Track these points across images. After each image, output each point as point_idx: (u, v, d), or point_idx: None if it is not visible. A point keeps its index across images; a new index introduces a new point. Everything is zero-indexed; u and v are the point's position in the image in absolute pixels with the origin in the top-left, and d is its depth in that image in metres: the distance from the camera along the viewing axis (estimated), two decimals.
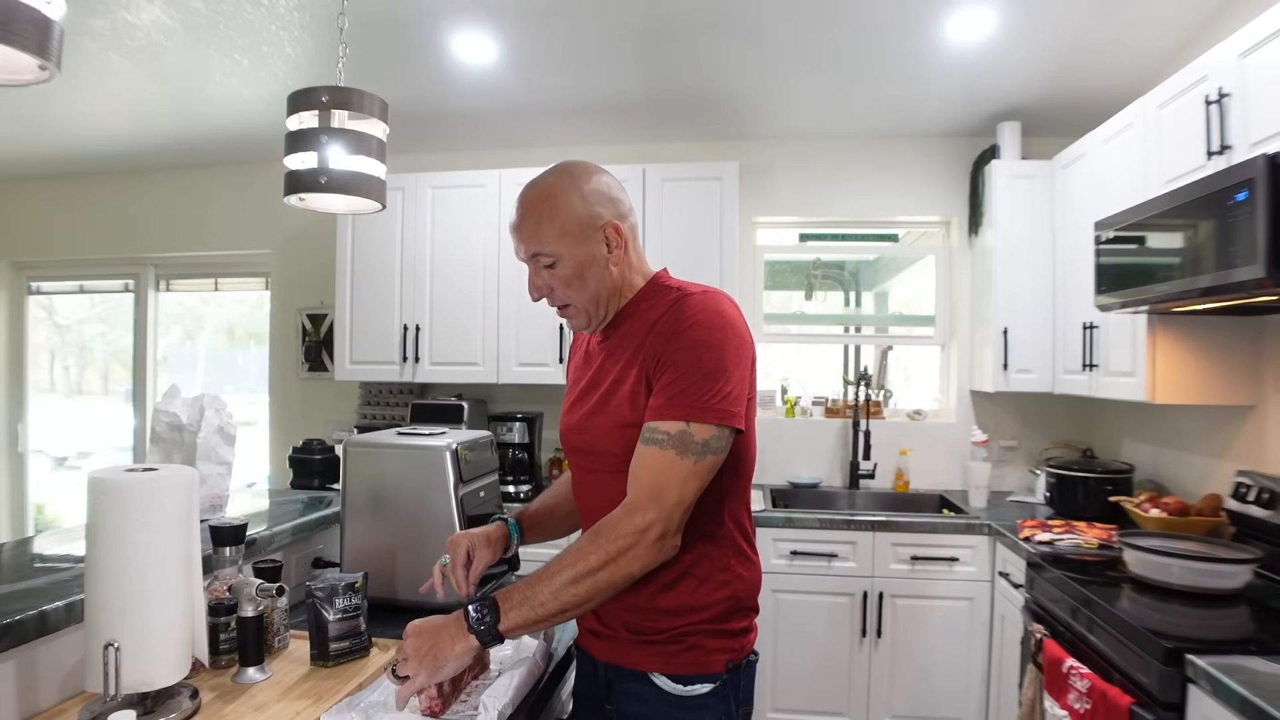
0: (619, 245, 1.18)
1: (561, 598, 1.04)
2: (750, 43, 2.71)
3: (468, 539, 1.29)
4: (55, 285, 4.26)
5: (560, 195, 1.16)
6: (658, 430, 1.08)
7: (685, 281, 1.23)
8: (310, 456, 2.76)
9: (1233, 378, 2.17)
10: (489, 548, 1.30)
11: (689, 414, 1.07)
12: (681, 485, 1.06)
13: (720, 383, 1.09)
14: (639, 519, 1.05)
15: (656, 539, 1.05)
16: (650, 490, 1.06)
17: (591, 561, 1.04)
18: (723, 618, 1.17)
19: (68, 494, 4.30)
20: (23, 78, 0.91)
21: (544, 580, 1.05)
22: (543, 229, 1.15)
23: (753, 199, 3.36)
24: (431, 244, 3.21)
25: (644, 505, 1.06)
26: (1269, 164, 1.53)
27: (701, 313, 1.12)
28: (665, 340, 1.12)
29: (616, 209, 1.19)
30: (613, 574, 1.05)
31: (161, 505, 1.04)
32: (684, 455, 1.07)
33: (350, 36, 1.99)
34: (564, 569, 1.05)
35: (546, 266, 1.17)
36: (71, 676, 1.14)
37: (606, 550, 1.04)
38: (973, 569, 2.61)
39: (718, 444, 1.09)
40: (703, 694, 1.14)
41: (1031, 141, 3.10)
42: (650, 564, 1.07)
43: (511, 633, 1.05)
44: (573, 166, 1.20)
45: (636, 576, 1.07)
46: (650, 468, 1.08)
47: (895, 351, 3.53)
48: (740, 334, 1.14)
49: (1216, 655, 1.39)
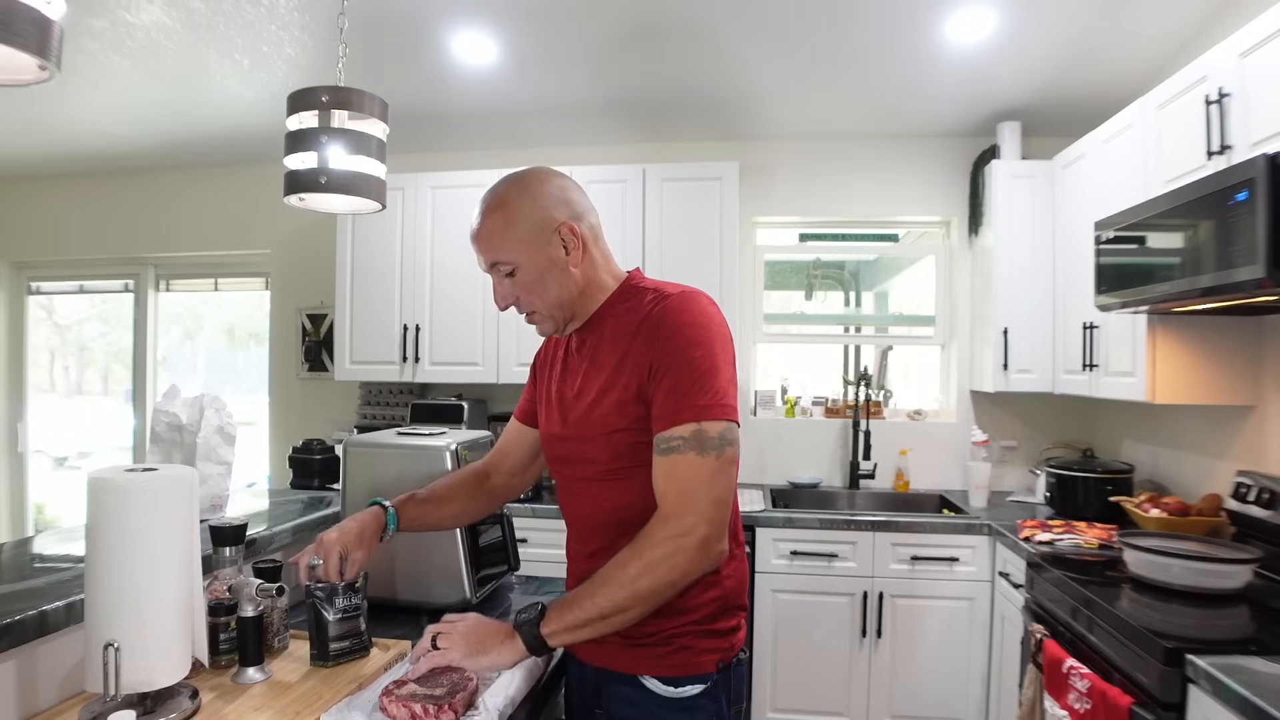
0: (576, 246, 1.17)
1: (601, 604, 1.05)
2: (751, 43, 2.71)
3: (340, 542, 1.23)
4: (55, 285, 4.26)
5: (512, 201, 1.16)
6: (672, 438, 1.07)
7: (660, 282, 1.23)
8: (310, 456, 2.76)
9: (1233, 378, 2.17)
10: (363, 547, 1.25)
11: (698, 414, 1.07)
12: (710, 484, 1.06)
13: (716, 380, 1.09)
14: (675, 524, 1.05)
15: (699, 543, 1.05)
16: (679, 495, 1.06)
17: (631, 570, 1.04)
18: (711, 618, 1.16)
19: (68, 494, 4.30)
20: (23, 78, 0.91)
21: (588, 587, 1.07)
22: (497, 237, 1.16)
23: (753, 199, 3.36)
24: (431, 244, 3.21)
25: (678, 511, 1.05)
26: (1269, 164, 1.53)
27: (686, 314, 1.13)
28: (652, 346, 1.12)
29: (571, 210, 1.18)
30: (653, 581, 1.04)
31: (161, 505, 1.03)
32: (704, 454, 1.06)
33: (350, 36, 1.99)
34: (606, 576, 1.06)
35: (507, 275, 1.18)
36: (71, 676, 1.14)
37: (646, 557, 1.04)
38: (973, 569, 2.61)
39: (731, 435, 1.09)
40: (693, 695, 1.14)
41: (1031, 141, 3.10)
42: (693, 571, 1.06)
43: (554, 637, 1.07)
44: (526, 173, 1.20)
45: (679, 585, 1.06)
46: (674, 475, 1.07)
47: (895, 351, 3.53)
48: (724, 331, 1.15)
49: (1216, 655, 1.39)
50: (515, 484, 1.47)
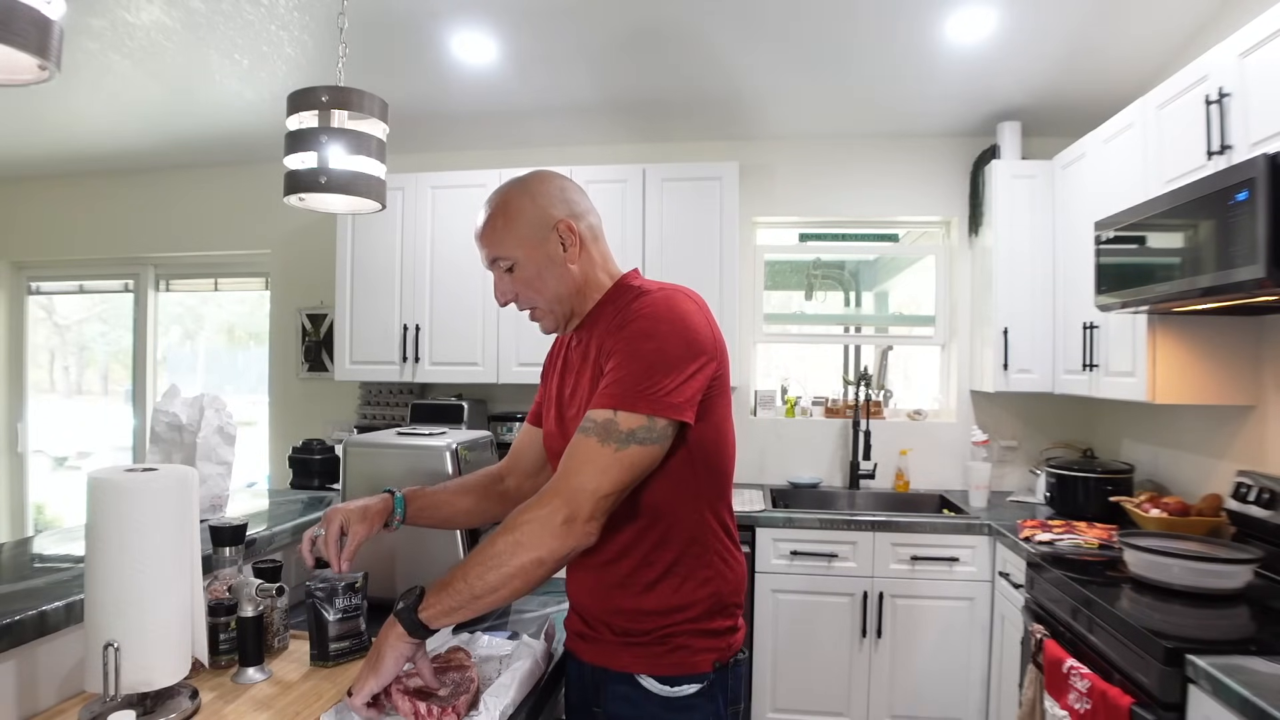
0: (574, 244, 1.20)
1: (474, 584, 1.03)
2: (750, 43, 2.71)
3: (343, 513, 1.26)
4: (55, 285, 4.26)
5: (513, 200, 1.20)
6: (588, 418, 1.08)
7: (655, 282, 1.23)
8: (310, 456, 2.75)
9: (1233, 378, 2.17)
10: (364, 522, 1.26)
11: (618, 402, 1.06)
12: (598, 473, 1.04)
13: (659, 374, 1.07)
14: (545, 505, 1.04)
15: (562, 523, 1.03)
16: (562, 473, 1.06)
17: (498, 545, 1.03)
18: (707, 616, 1.16)
19: (68, 494, 4.30)
20: (23, 78, 0.91)
21: (461, 567, 1.05)
22: (498, 234, 1.19)
23: (753, 199, 3.36)
24: (431, 244, 3.21)
25: (553, 488, 1.06)
26: (1269, 164, 1.53)
27: (649, 306, 1.13)
28: (610, 335, 1.14)
29: (570, 209, 1.21)
30: (520, 559, 1.02)
31: (161, 505, 1.04)
32: (605, 443, 1.05)
33: (350, 36, 1.99)
34: (477, 555, 1.05)
35: (507, 270, 1.21)
36: (71, 676, 1.14)
37: (511, 536, 1.03)
38: (973, 569, 2.61)
39: (646, 435, 1.06)
40: (690, 695, 1.14)
41: (1031, 141, 3.10)
42: (558, 550, 1.03)
43: (432, 620, 1.04)
44: (528, 175, 1.24)
45: (547, 562, 1.04)
46: (571, 453, 1.07)
47: (895, 351, 3.53)
48: (690, 329, 1.12)
49: (1217, 655, 1.39)
50: (529, 486, 1.44)
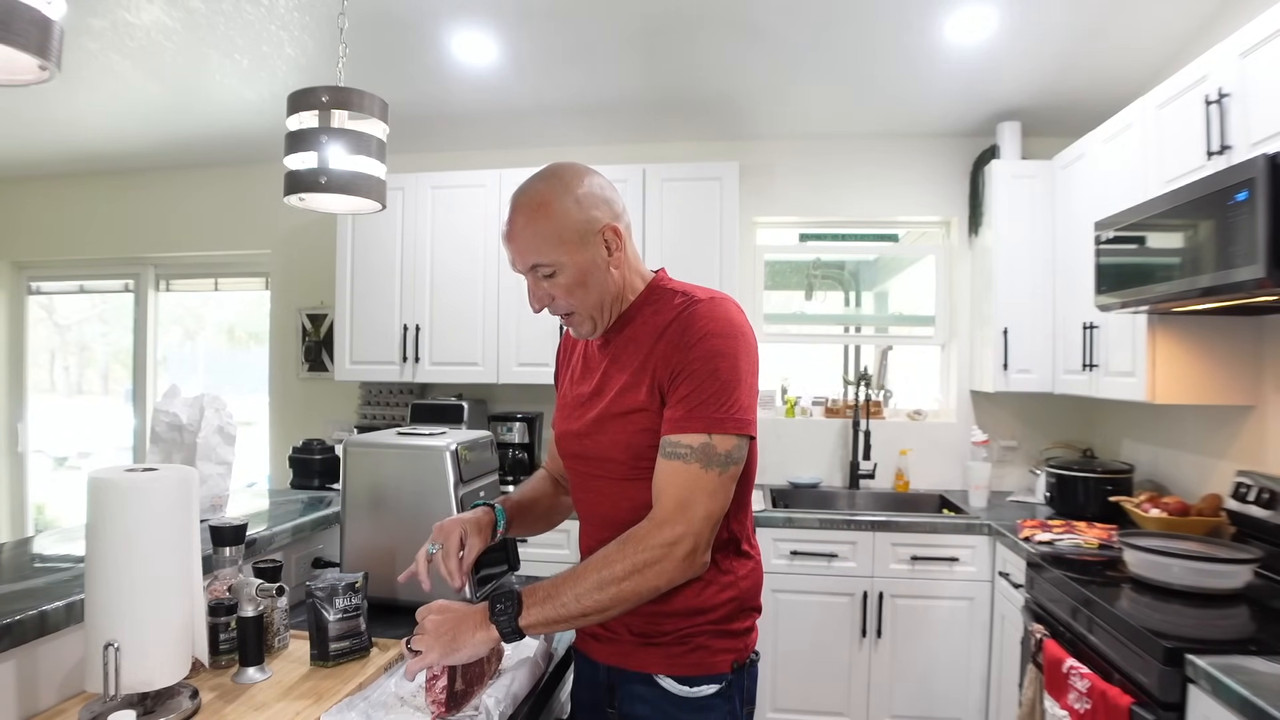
0: (619, 248, 1.16)
1: (584, 601, 1.03)
2: (751, 43, 2.71)
3: (460, 525, 1.23)
4: (55, 285, 4.26)
5: (554, 202, 1.12)
6: (680, 444, 1.07)
7: (688, 284, 1.21)
8: (310, 456, 2.76)
9: (1233, 378, 2.17)
10: (479, 535, 1.25)
11: (710, 426, 1.06)
12: (709, 499, 1.06)
13: (737, 392, 1.08)
14: (668, 532, 1.04)
15: (686, 554, 1.05)
16: (677, 504, 1.05)
17: (617, 570, 1.04)
18: (728, 618, 1.16)
19: (68, 494, 4.30)
20: (23, 78, 0.91)
21: (569, 581, 1.05)
22: (539, 239, 1.12)
23: (753, 199, 3.36)
24: (431, 244, 3.21)
25: (672, 519, 1.05)
26: (1269, 164, 1.53)
27: (713, 321, 1.11)
28: (678, 349, 1.11)
29: (612, 210, 1.16)
30: (637, 585, 1.04)
31: (161, 505, 1.03)
32: (708, 468, 1.06)
33: (350, 36, 1.99)
34: (590, 573, 1.05)
35: (546, 276, 1.14)
36: (71, 676, 1.14)
37: (633, 560, 1.04)
38: (973, 569, 2.61)
39: (739, 454, 1.09)
40: (708, 695, 1.14)
41: (1031, 141, 3.10)
42: (677, 579, 1.06)
43: (531, 629, 1.05)
44: (562, 170, 1.16)
45: (662, 590, 1.06)
46: (676, 482, 1.06)
47: (895, 351, 3.53)
48: (750, 341, 1.14)
49: (1216, 655, 1.39)
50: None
